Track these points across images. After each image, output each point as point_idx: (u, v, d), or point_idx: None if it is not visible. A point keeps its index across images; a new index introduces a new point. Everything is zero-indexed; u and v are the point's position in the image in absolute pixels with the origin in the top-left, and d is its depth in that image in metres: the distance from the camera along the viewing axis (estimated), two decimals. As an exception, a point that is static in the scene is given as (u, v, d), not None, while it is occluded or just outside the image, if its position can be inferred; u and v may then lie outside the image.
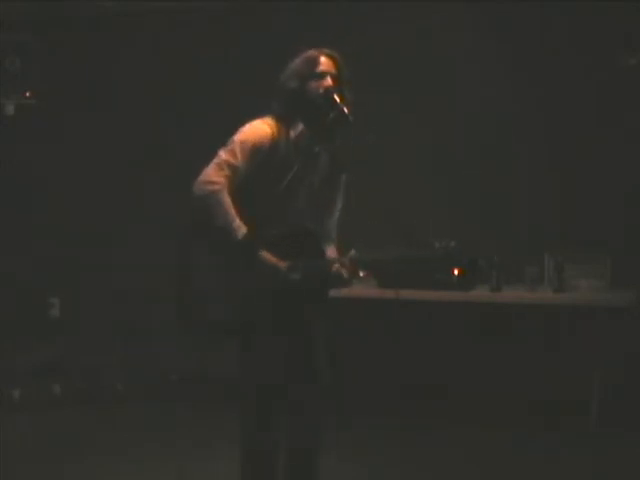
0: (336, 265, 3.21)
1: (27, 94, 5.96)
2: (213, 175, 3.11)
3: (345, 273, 3.19)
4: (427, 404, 5.39)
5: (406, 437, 5.07)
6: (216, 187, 3.09)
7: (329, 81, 3.22)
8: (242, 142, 3.16)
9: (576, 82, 5.43)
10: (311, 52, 3.30)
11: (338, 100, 3.16)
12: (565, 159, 5.46)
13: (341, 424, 4.57)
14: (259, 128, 3.20)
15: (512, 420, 5.21)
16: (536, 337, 5.39)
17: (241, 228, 3.11)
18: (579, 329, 5.23)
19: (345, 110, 3.15)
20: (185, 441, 4.92)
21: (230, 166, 3.13)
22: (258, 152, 3.16)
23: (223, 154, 3.14)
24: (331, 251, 3.34)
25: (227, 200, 3.10)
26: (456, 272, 5.23)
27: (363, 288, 5.26)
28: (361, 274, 3.28)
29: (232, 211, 3.10)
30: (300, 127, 3.25)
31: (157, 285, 6.13)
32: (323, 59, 3.26)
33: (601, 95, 5.38)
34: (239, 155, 3.14)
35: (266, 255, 3.13)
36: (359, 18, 5.79)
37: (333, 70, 3.26)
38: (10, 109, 5.93)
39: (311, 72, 3.24)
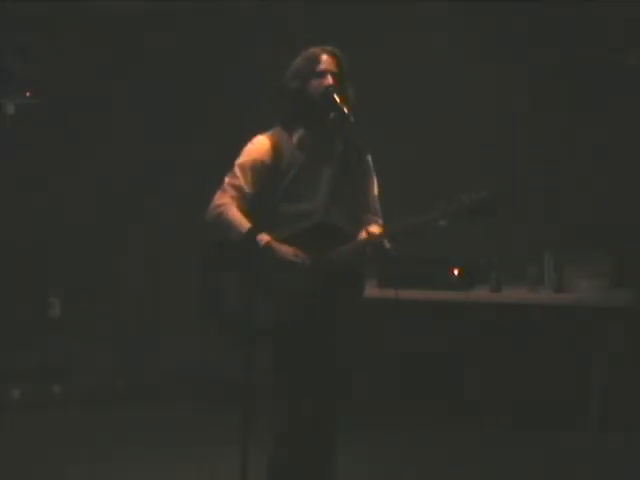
0: (367, 240, 3.14)
1: (27, 94, 5.95)
2: (218, 199, 3.23)
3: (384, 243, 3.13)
4: (427, 404, 5.39)
5: (406, 437, 5.07)
6: (222, 208, 3.20)
7: (329, 80, 3.19)
8: (241, 164, 3.25)
9: (576, 82, 5.43)
10: (312, 50, 3.26)
11: (338, 100, 3.13)
12: (565, 159, 5.46)
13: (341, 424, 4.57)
14: (256, 145, 3.25)
15: (512, 420, 5.21)
16: (536, 337, 5.39)
17: (243, 224, 3.15)
18: (579, 329, 5.22)
19: (345, 110, 3.12)
20: (185, 441, 4.93)
21: (233, 187, 3.22)
22: (259, 169, 3.21)
23: (226, 179, 3.25)
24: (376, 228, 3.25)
25: (232, 211, 3.18)
26: (456, 272, 5.24)
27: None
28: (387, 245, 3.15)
29: (238, 217, 3.17)
30: (302, 129, 3.24)
31: (157, 285, 6.18)
32: (324, 57, 3.23)
33: (601, 95, 5.38)
34: (240, 176, 3.22)
35: (285, 250, 3.14)
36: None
37: (334, 68, 3.22)
38: (10, 109, 5.92)
39: (312, 71, 3.21)
